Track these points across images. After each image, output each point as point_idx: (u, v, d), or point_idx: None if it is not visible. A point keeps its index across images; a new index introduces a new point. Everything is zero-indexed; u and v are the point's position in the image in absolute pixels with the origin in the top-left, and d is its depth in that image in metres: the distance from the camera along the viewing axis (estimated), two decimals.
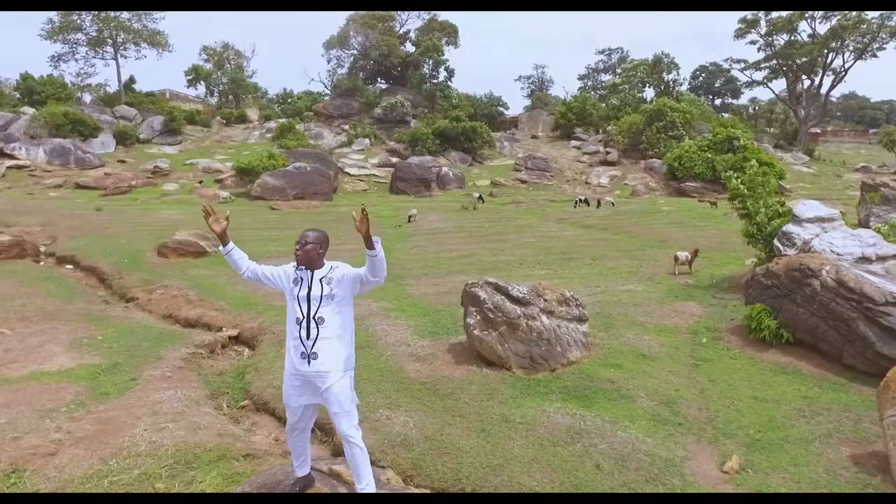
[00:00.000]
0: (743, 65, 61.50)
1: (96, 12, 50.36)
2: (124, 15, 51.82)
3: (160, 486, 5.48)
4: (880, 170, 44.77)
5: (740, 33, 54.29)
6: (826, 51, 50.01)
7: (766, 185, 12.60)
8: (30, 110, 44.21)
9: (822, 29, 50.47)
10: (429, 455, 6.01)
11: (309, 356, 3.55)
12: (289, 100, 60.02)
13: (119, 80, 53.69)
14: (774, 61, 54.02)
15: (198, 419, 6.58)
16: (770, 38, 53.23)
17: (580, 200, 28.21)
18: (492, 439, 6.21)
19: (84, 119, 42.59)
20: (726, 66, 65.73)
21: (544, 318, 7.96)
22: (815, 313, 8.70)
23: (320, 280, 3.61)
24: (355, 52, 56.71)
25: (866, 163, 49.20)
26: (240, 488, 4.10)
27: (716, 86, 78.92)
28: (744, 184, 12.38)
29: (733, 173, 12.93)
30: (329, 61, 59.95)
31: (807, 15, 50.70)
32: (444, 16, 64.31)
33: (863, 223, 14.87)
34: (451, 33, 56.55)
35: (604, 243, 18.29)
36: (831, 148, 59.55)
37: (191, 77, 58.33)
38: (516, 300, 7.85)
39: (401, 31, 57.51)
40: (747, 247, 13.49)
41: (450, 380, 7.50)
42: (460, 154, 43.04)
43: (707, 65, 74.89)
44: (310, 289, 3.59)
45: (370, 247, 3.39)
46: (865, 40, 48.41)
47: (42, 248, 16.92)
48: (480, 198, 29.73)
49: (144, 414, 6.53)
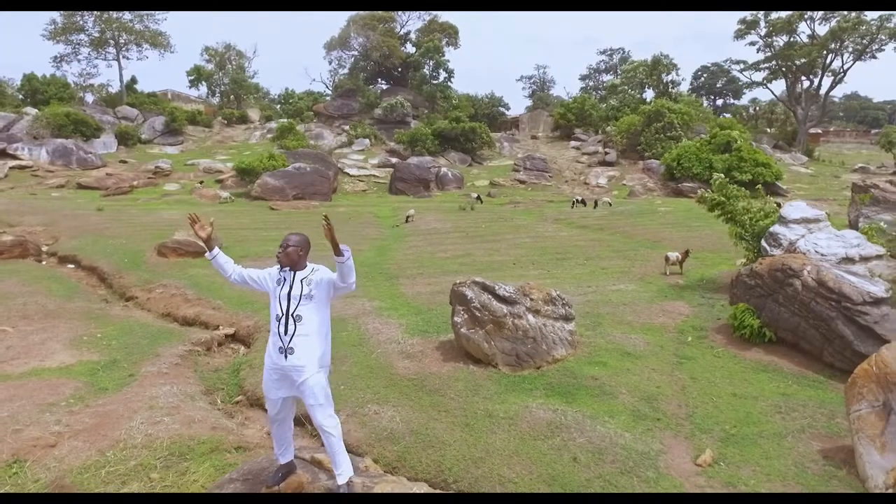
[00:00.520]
0: (742, 66, 61.71)
1: (98, 13, 50.68)
2: (126, 16, 52.19)
3: (155, 476, 5.72)
4: (879, 170, 44.85)
5: (740, 34, 54.37)
6: (825, 52, 50.10)
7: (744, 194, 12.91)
8: (32, 111, 44.52)
9: (821, 30, 50.62)
10: (413, 448, 6.25)
11: (286, 351, 3.80)
12: (290, 100, 60.29)
13: (121, 81, 54.02)
14: (774, 62, 54.11)
15: (192, 413, 6.82)
16: (769, 40, 53.32)
17: (577, 201, 28.41)
18: (475, 433, 6.45)
19: (86, 119, 42.91)
20: (727, 66, 65.96)
21: (530, 316, 8.18)
22: (797, 312, 8.91)
23: (301, 281, 3.84)
24: (356, 52, 57.01)
25: (867, 163, 49.26)
26: (228, 475, 4.33)
27: (717, 86, 78.90)
28: (717, 193, 12.68)
29: (706, 192, 13.28)
30: (330, 62, 60.35)
31: (806, 16, 50.77)
32: (445, 17, 64.63)
33: (852, 224, 15.04)
34: (452, 34, 56.78)
35: (598, 243, 18.49)
36: (832, 148, 59.61)
37: (192, 77, 58.64)
38: (503, 299, 8.07)
39: (401, 32, 57.77)
40: (739, 248, 13.70)
41: (437, 376, 7.73)
42: (460, 154, 43.27)
43: (709, 65, 74.90)
44: (291, 288, 3.83)
45: (338, 254, 3.62)
46: (864, 41, 48.49)
47: (44, 248, 17.19)
48: (479, 198, 29.94)
49: (141, 408, 6.77)
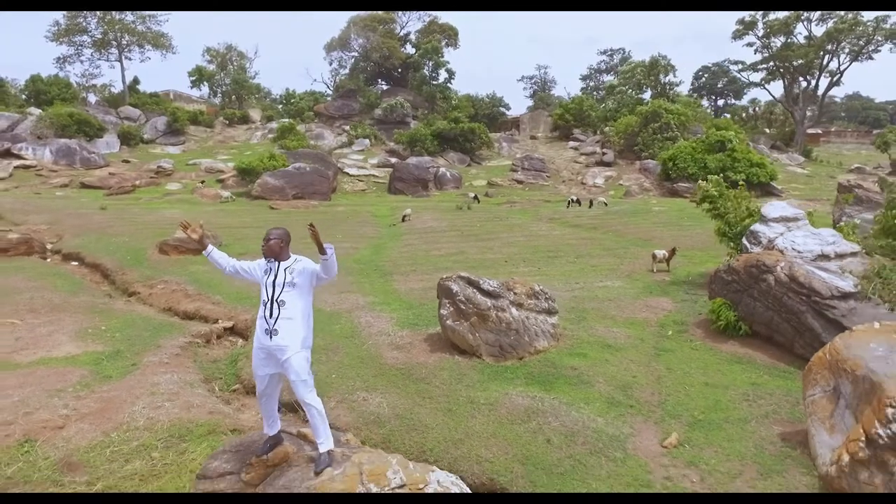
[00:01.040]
0: (740, 66, 62.01)
1: (101, 15, 51.13)
2: (129, 17, 52.63)
3: (156, 455, 6.14)
4: (875, 170, 45.12)
5: (738, 35, 54.67)
6: (822, 53, 50.40)
7: (734, 193, 13.26)
8: (36, 111, 44.97)
9: (818, 31, 50.91)
10: (398, 431, 6.67)
11: (271, 332, 4.22)
12: (291, 100, 60.69)
13: (123, 82, 54.47)
14: (771, 63, 54.42)
15: (191, 399, 7.24)
16: (767, 40, 53.63)
17: (572, 201, 28.79)
18: (456, 418, 6.86)
19: (89, 120, 43.36)
20: (726, 67, 66.20)
21: (513, 310, 8.58)
22: (770, 307, 9.31)
23: (284, 270, 4.26)
24: (356, 53, 57.42)
25: (865, 163, 49.50)
26: (221, 448, 4.74)
27: (718, 86, 78.72)
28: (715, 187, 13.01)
29: (704, 182, 13.55)
30: (331, 63, 60.77)
31: (803, 17, 51.07)
32: (445, 18, 64.99)
33: (836, 223, 15.43)
34: (451, 35, 57.14)
35: (590, 242, 18.87)
36: (832, 148, 59.82)
37: (194, 78, 59.08)
38: (487, 293, 8.48)
39: (401, 34, 58.16)
40: (723, 245, 14.09)
41: (423, 366, 8.14)
42: (458, 155, 43.66)
43: (710, 65, 74.80)
44: (275, 276, 4.25)
45: (322, 252, 4.04)
46: (861, 42, 48.77)
47: (49, 246, 17.62)
48: (476, 198, 30.34)
49: (143, 394, 7.19)
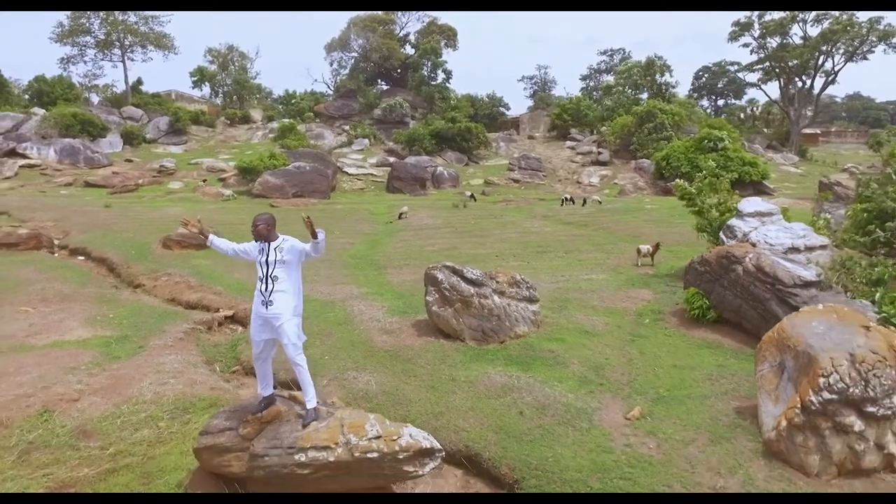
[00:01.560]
0: (737, 66, 62.55)
1: (104, 16, 51.77)
2: (132, 18, 53.27)
3: (163, 425, 6.73)
4: (868, 170, 45.59)
5: (734, 36, 55.18)
6: (817, 53, 50.88)
7: (714, 185, 13.82)
8: (40, 111, 45.61)
9: (813, 32, 51.38)
10: (384, 405, 7.25)
11: (267, 303, 4.82)
12: (292, 100, 61.30)
13: (126, 82, 55.13)
14: (767, 63, 54.92)
15: (194, 377, 7.84)
16: (763, 41, 54.12)
17: (566, 199, 29.36)
18: (438, 393, 7.44)
19: (93, 120, 44.01)
20: (724, 67, 66.60)
21: (495, 297, 9.16)
22: (739, 295, 9.88)
23: (274, 249, 4.86)
24: (356, 54, 57.99)
25: (860, 163, 49.95)
26: (220, 411, 5.33)
27: (718, 86, 78.09)
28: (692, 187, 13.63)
29: (680, 180, 14.15)
30: (331, 64, 61.34)
31: (799, 18, 51.58)
32: (444, 19, 65.52)
33: (817, 214, 16.01)
34: (450, 36, 57.71)
35: (580, 238, 19.45)
36: (831, 148, 60.21)
37: (196, 78, 59.74)
38: (470, 281, 9.06)
39: (400, 34, 58.73)
40: (702, 240, 14.67)
41: (410, 349, 8.73)
42: (456, 154, 44.24)
43: (710, 65, 74.51)
44: (268, 255, 4.84)
45: (314, 237, 4.64)
46: (855, 43, 49.25)
47: (56, 241, 18.22)
48: (472, 196, 30.92)
49: (150, 372, 7.79)
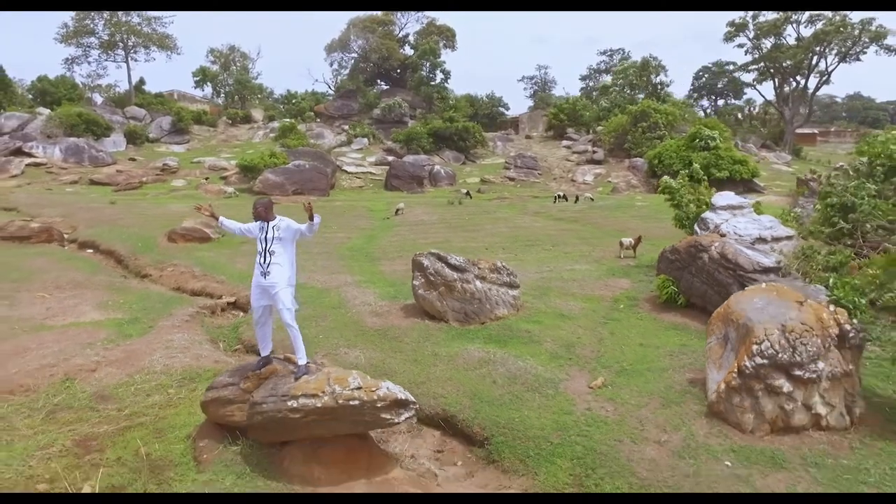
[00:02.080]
0: (732, 66, 63.19)
1: (108, 17, 52.61)
2: (135, 19, 54.12)
3: (172, 392, 7.49)
4: (837, 169, 46.19)
5: (729, 36, 55.87)
6: (810, 54, 51.56)
7: (693, 186, 14.63)
8: (45, 111, 46.44)
9: (806, 33, 52.06)
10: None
11: (265, 273, 5.57)
12: (293, 100, 62.12)
13: (129, 82, 56.00)
14: (762, 64, 55.63)
15: (200, 352, 8.61)
16: (758, 42, 54.82)
17: (559, 196, 30.10)
18: (420, 366, 8.20)
19: (97, 119, 44.84)
20: (725, 66, 66.89)
21: (477, 282, 9.91)
22: (705, 281, 10.62)
23: (272, 227, 5.62)
24: (356, 55, 58.77)
25: (849, 163, 50.58)
26: (225, 370, 6.09)
27: (718, 86, 77.46)
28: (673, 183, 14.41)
29: (667, 178, 14.92)
30: (331, 64, 62.13)
31: (793, 19, 52.29)
32: (443, 20, 66.19)
33: (792, 209, 16.74)
34: (449, 37, 58.45)
35: (568, 233, 20.20)
36: (829, 148, 60.81)
37: (198, 78, 60.58)
38: (454, 267, 9.81)
39: (400, 35, 59.50)
40: (681, 232, 15.41)
41: (398, 328, 9.49)
42: (454, 153, 45.01)
43: (710, 65, 74.24)
44: (266, 233, 5.60)
45: (311, 219, 5.44)
46: (848, 44, 49.93)
47: (65, 235, 19.00)
48: (468, 194, 31.67)
49: (159, 347, 8.56)
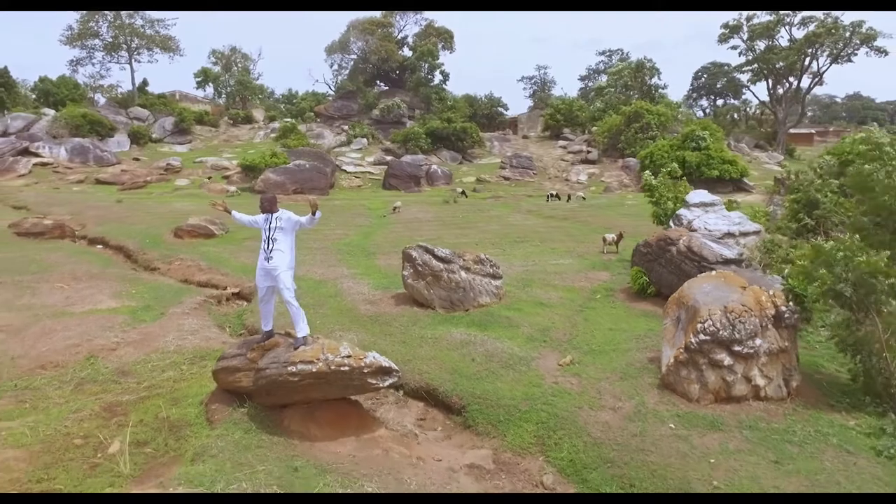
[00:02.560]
0: (727, 67, 63.91)
1: (112, 20, 53.50)
2: (138, 21, 55.02)
3: (184, 368, 8.37)
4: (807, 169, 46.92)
5: (723, 38, 56.68)
6: (803, 55, 52.36)
7: (673, 184, 15.52)
8: (50, 111, 47.32)
9: (799, 35, 52.81)
10: None
11: (268, 258, 6.44)
12: (293, 100, 63.01)
13: (133, 83, 56.82)
14: (755, 65, 56.42)
15: (208, 335, 9.50)
16: (751, 43, 55.60)
17: (551, 195, 30.97)
18: (408, 347, 9.07)
19: (101, 120, 45.72)
20: (722, 66, 67.39)
21: (462, 273, 10.79)
22: (672, 272, 11.48)
23: (276, 218, 6.50)
24: (356, 56, 59.62)
25: (814, 162, 51.29)
26: (233, 343, 6.96)
27: (718, 86, 77.02)
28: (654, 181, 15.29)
29: (647, 174, 15.79)
30: (331, 65, 62.99)
31: (786, 21, 53.10)
32: (442, 21, 66.98)
33: (768, 207, 17.61)
34: (447, 38, 59.25)
35: (557, 230, 21.06)
36: (826, 147, 61.55)
37: (200, 79, 61.45)
38: (440, 258, 10.68)
39: (399, 37, 60.32)
40: (662, 228, 16.27)
41: (389, 314, 10.37)
42: (451, 153, 45.87)
43: (709, 65, 74.05)
44: (270, 223, 6.48)
45: (313, 213, 6.31)
46: (840, 45, 50.72)
47: (75, 232, 19.88)
48: (463, 192, 32.53)
49: (172, 330, 9.44)
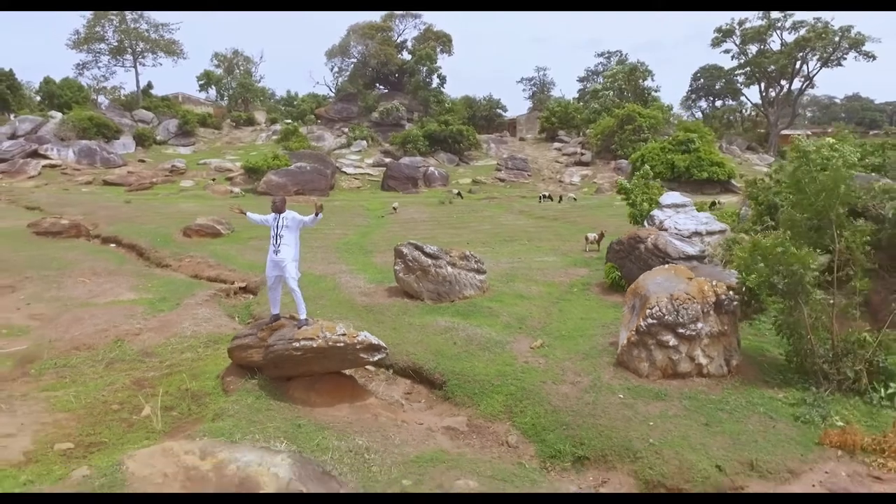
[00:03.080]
0: (725, 69, 64.99)
1: (118, 24, 54.73)
2: (143, 26, 56.31)
3: (200, 350, 9.51)
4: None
5: (716, 42, 57.86)
6: (793, 59, 53.48)
7: (647, 186, 16.63)
8: (57, 114, 48.50)
9: (790, 39, 53.93)
10: None
11: (277, 251, 7.57)
12: (294, 102, 64.19)
13: (137, 86, 58.11)
14: (748, 68, 57.58)
15: (220, 322, 10.64)
16: (744, 47, 56.76)
17: (544, 196, 32.10)
18: (398, 332, 10.19)
19: (107, 123, 46.94)
20: (718, 67, 68.30)
21: (448, 267, 11.92)
22: (641, 267, 12.56)
23: (283, 218, 7.63)
24: (356, 59, 60.80)
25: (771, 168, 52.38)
26: (245, 326, 8.09)
27: (716, 88, 77.42)
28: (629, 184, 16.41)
29: (622, 178, 16.90)
30: (332, 69, 64.23)
31: (777, 25, 54.25)
32: (442, 21, 67.92)
33: (740, 209, 18.70)
34: (446, 42, 60.45)
35: (545, 230, 22.19)
36: None
37: (203, 82, 62.71)
38: (429, 255, 11.81)
39: (398, 41, 61.53)
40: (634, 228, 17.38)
41: (382, 305, 11.50)
42: (448, 155, 47.03)
43: (708, 66, 74.51)
44: (278, 221, 7.61)
45: (316, 214, 7.43)
46: (829, 49, 51.84)
47: (89, 231, 21.02)
48: (459, 194, 33.66)
49: (187, 318, 10.58)
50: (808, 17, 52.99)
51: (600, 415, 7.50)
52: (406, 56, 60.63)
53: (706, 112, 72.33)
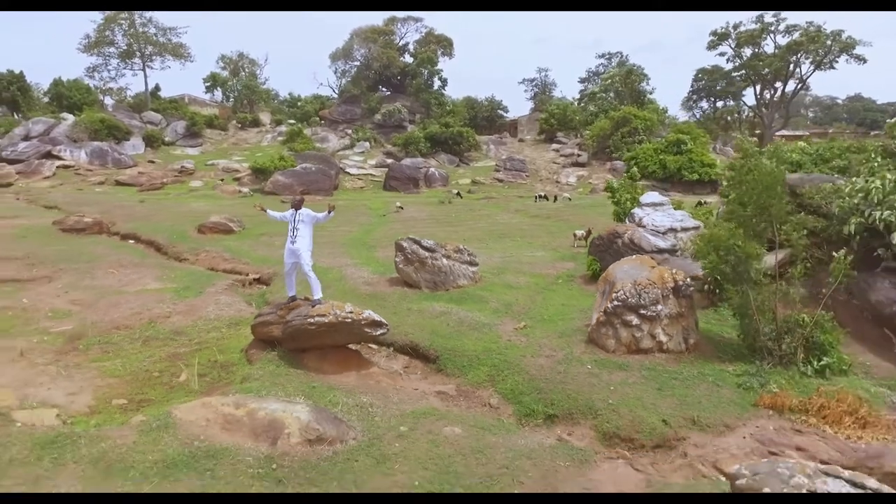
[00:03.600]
0: (721, 72, 66.12)
1: (127, 28, 56.22)
2: (151, 30, 57.81)
3: (224, 331, 10.82)
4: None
5: (712, 45, 59.09)
6: (787, 62, 54.67)
7: (632, 186, 17.89)
8: (69, 116, 49.93)
9: (783, 42, 55.13)
10: None
11: (293, 241, 8.87)
12: (298, 103, 65.55)
13: (146, 89, 59.53)
14: (743, 71, 58.78)
15: (240, 307, 11.95)
16: (738, 50, 57.95)
17: (539, 196, 33.37)
18: (398, 316, 11.47)
19: (118, 125, 48.39)
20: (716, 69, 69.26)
21: (444, 259, 13.21)
22: (618, 260, 13.86)
23: (299, 213, 8.92)
24: (359, 62, 62.17)
25: None
26: (265, 306, 9.39)
27: (717, 89, 77.72)
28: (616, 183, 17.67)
29: (611, 178, 18.18)
30: (335, 71, 65.64)
31: (770, 29, 55.43)
32: (444, 22, 69.20)
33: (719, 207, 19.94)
34: (447, 45, 61.78)
35: (538, 227, 23.46)
36: None
37: (209, 84, 64.13)
38: (426, 248, 13.11)
39: (400, 44, 62.88)
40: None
41: (383, 293, 12.80)
42: (448, 156, 48.35)
43: (708, 67, 74.81)
44: (295, 217, 8.91)
45: (329, 212, 8.74)
46: (821, 53, 53.01)
47: (109, 228, 22.38)
48: (458, 194, 34.95)
49: (211, 304, 11.89)
50: (801, 21, 54.36)
51: (569, 382, 8.77)
52: (408, 59, 61.96)
53: (707, 113, 73.33)
